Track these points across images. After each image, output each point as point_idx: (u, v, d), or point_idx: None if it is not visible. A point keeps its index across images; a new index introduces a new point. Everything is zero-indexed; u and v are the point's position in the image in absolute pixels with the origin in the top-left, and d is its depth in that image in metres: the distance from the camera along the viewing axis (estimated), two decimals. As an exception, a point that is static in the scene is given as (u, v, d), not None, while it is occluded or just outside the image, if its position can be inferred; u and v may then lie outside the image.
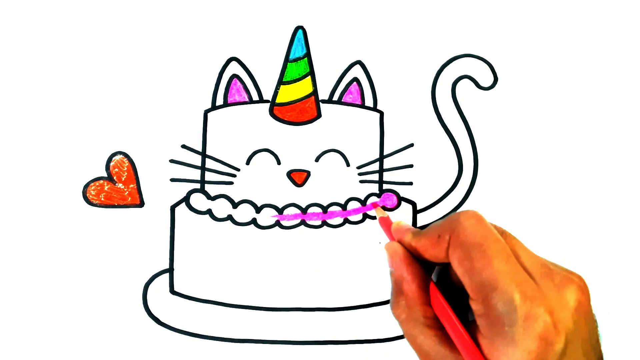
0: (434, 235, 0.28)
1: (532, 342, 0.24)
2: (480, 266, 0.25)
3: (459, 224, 0.27)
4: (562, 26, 0.42)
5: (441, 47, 0.41)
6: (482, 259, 0.25)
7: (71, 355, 0.39)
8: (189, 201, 0.40)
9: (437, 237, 0.28)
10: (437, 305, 0.28)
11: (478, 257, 0.25)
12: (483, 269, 0.25)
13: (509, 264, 0.25)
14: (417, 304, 0.29)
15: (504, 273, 0.25)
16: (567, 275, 0.26)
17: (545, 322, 0.24)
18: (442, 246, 0.27)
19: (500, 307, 0.24)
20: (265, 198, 0.40)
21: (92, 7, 0.40)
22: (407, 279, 0.29)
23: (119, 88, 0.40)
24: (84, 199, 0.39)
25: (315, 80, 0.41)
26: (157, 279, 0.40)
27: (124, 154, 0.40)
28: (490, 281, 0.25)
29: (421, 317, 0.28)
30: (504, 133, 0.41)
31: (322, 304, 0.40)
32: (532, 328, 0.24)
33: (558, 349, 0.24)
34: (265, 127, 0.41)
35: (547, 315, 0.24)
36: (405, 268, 0.30)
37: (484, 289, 0.25)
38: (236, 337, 0.40)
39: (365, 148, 0.41)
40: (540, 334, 0.24)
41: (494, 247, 0.26)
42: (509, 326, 0.24)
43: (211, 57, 0.41)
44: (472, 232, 0.26)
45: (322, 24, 0.41)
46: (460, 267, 0.26)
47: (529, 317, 0.24)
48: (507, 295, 0.24)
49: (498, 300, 0.24)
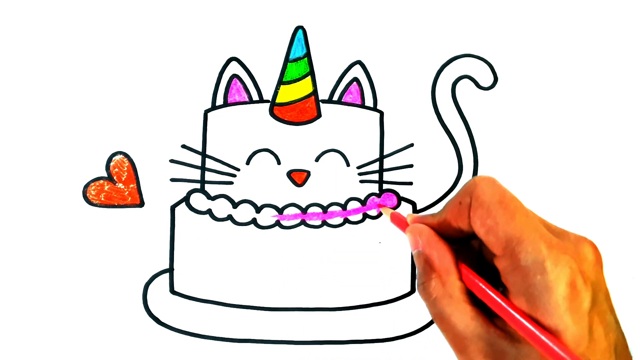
0: (454, 204, 0.28)
1: (564, 288, 0.24)
2: (503, 221, 0.26)
3: (476, 186, 0.27)
4: (562, 26, 0.42)
5: (441, 47, 0.41)
6: (504, 215, 0.26)
7: (71, 355, 0.39)
8: (189, 201, 0.40)
9: (459, 204, 0.28)
10: (469, 279, 0.28)
11: (500, 213, 0.26)
12: (507, 224, 0.25)
13: (529, 217, 0.26)
14: (450, 279, 0.29)
15: (528, 226, 0.25)
16: (580, 236, 0.27)
17: (572, 269, 0.24)
18: (464, 212, 0.28)
19: (529, 258, 0.25)
20: (265, 198, 0.40)
21: (92, 7, 0.40)
22: (437, 254, 0.29)
23: (119, 88, 0.40)
24: (84, 199, 0.39)
25: (315, 80, 0.41)
26: (157, 279, 0.40)
27: (124, 154, 0.40)
28: (516, 234, 0.25)
29: (457, 291, 0.28)
30: (504, 133, 0.41)
31: (322, 304, 0.40)
32: (562, 274, 0.24)
33: (586, 296, 0.24)
34: (265, 127, 0.41)
35: (574, 263, 0.25)
36: (435, 244, 0.30)
37: (510, 243, 0.25)
38: (236, 337, 0.40)
39: (365, 148, 0.41)
40: (569, 280, 0.24)
41: (513, 203, 0.26)
42: (540, 274, 0.24)
43: (211, 57, 0.41)
44: (490, 192, 0.27)
45: (322, 24, 0.41)
46: (483, 227, 0.26)
47: (557, 263, 0.24)
48: (534, 245, 0.25)
49: (526, 252, 0.25)
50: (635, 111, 0.42)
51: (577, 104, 0.42)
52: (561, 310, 0.24)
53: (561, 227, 0.28)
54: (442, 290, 0.29)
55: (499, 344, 0.26)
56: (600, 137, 0.42)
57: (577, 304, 0.24)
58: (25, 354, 0.39)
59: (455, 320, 0.28)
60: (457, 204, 0.28)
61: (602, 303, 0.25)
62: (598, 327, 0.25)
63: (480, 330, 0.27)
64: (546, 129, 0.41)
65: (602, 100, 0.42)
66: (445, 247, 0.29)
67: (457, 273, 0.29)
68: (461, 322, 0.27)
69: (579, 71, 0.42)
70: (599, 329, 0.25)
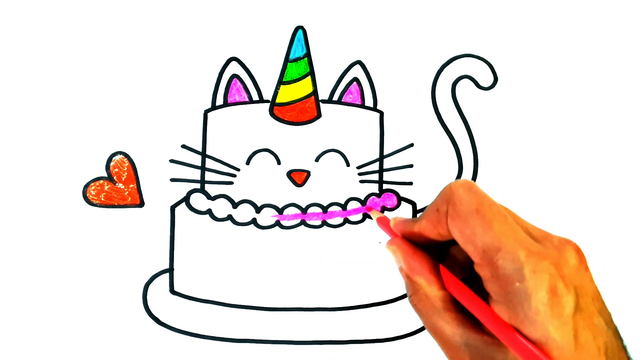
0: (432, 212, 0.28)
1: (544, 294, 0.24)
2: (481, 231, 0.25)
3: (453, 194, 0.27)
4: (562, 26, 0.42)
5: (441, 47, 0.41)
6: (481, 224, 0.25)
7: (71, 355, 0.39)
8: (189, 201, 0.40)
9: (436, 211, 0.28)
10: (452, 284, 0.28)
11: (477, 222, 0.26)
12: (484, 233, 0.25)
13: (507, 224, 0.26)
14: (432, 290, 0.29)
15: (505, 234, 0.25)
16: (563, 238, 0.27)
17: (552, 274, 0.24)
18: (442, 220, 0.27)
19: (507, 266, 0.24)
20: (265, 198, 0.40)
21: (92, 7, 0.40)
22: (416, 268, 0.29)
23: (119, 88, 0.40)
24: (84, 199, 0.39)
25: (315, 80, 0.41)
26: (157, 279, 0.40)
27: (124, 154, 0.40)
28: (494, 243, 0.25)
29: (439, 301, 0.28)
30: (504, 133, 0.41)
31: (322, 304, 0.40)
32: (541, 280, 0.24)
33: (570, 301, 0.24)
34: (265, 127, 0.41)
35: (553, 268, 0.24)
36: (412, 257, 0.30)
37: (489, 252, 0.25)
38: (236, 337, 0.40)
39: (365, 148, 0.41)
40: (549, 285, 0.24)
41: (491, 210, 0.26)
42: (519, 281, 0.24)
43: (211, 57, 0.41)
44: (467, 200, 0.26)
45: (322, 24, 0.41)
46: (462, 236, 0.26)
47: (536, 270, 0.24)
48: (512, 253, 0.24)
49: (504, 260, 0.24)
50: (636, 111, 0.42)
51: (577, 104, 0.42)
52: (542, 316, 0.24)
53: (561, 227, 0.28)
54: (427, 303, 0.29)
55: (487, 351, 0.26)
56: (600, 137, 0.42)
57: (559, 309, 0.24)
58: (25, 354, 0.39)
59: (442, 330, 0.28)
60: (434, 210, 0.28)
61: (588, 306, 0.25)
62: (584, 332, 0.24)
63: (467, 338, 0.27)
64: (546, 129, 0.41)
65: (602, 100, 0.42)
66: (423, 257, 0.29)
67: (437, 283, 0.29)
68: (448, 331, 0.28)
69: (579, 71, 0.42)
70: (586, 334, 0.24)
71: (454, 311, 0.28)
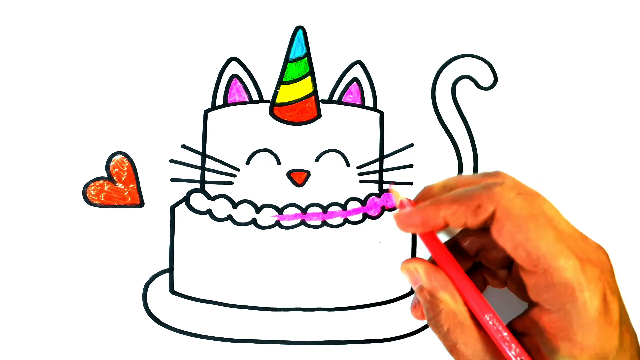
0: (471, 204, 0.26)
1: (599, 303, 0.24)
2: (535, 237, 0.25)
3: (503, 195, 0.26)
4: (562, 26, 0.42)
5: (441, 47, 0.41)
6: (536, 230, 0.25)
7: (71, 355, 0.39)
8: (189, 201, 0.40)
9: (477, 207, 0.26)
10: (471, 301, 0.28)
11: (532, 228, 0.25)
12: (539, 240, 0.25)
13: (559, 231, 0.25)
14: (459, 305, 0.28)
15: (560, 241, 0.25)
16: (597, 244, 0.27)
17: (603, 282, 0.24)
18: (482, 217, 0.26)
19: (563, 275, 0.24)
20: (265, 198, 0.40)
21: (92, 7, 0.40)
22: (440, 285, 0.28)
23: (119, 88, 0.40)
24: (84, 199, 0.39)
25: (315, 80, 0.41)
26: (157, 279, 0.40)
27: (124, 154, 0.40)
28: (549, 251, 0.24)
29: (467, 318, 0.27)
30: (504, 133, 0.41)
31: (322, 304, 0.40)
32: (597, 289, 0.24)
33: (616, 308, 0.24)
34: (265, 127, 0.41)
35: (603, 276, 0.25)
36: (435, 274, 0.29)
37: (544, 260, 0.24)
38: (236, 337, 0.40)
39: (365, 148, 0.41)
40: (602, 294, 0.24)
41: (544, 216, 0.25)
42: (579, 291, 0.24)
43: (211, 57, 0.41)
44: (519, 205, 0.25)
45: (322, 24, 0.41)
46: (512, 242, 0.25)
47: (591, 280, 0.24)
48: (568, 261, 0.24)
49: (561, 269, 0.24)
50: (636, 111, 0.42)
51: (577, 104, 0.42)
52: (598, 326, 0.24)
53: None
54: (454, 320, 0.28)
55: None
56: (600, 137, 0.42)
57: (610, 317, 0.24)
58: (25, 354, 0.39)
59: (471, 350, 0.27)
60: (475, 206, 0.26)
61: (623, 309, 0.25)
62: (626, 336, 0.25)
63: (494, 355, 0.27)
64: (546, 129, 0.41)
65: (603, 100, 0.42)
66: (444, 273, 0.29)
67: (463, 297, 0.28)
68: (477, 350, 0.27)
69: (579, 71, 0.42)
70: (627, 338, 0.25)
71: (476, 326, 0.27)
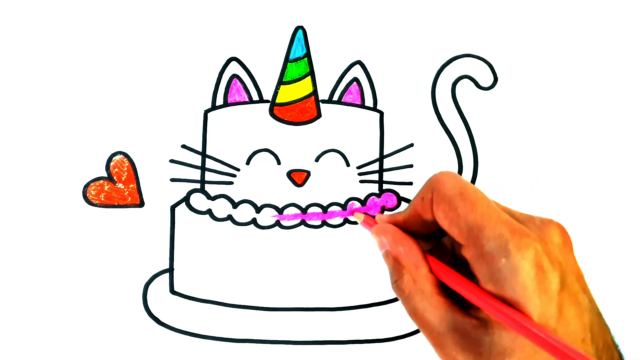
0: (418, 201, 0.29)
1: (530, 269, 0.24)
2: (464, 212, 0.26)
3: (437, 181, 0.28)
4: (562, 26, 0.42)
5: (441, 47, 0.41)
6: (465, 205, 0.26)
7: (71, 355, 0.39)
8: (189, 201, 0.40)
9: (421, 200, 0.28)
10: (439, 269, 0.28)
11: (461, 204, 0.26)
12: (468, 214, 0.26)
13: (490, 207, 0.26)
14: (421, 274, 0.29)
15: (489, 214, 0.26)
16: (546, 218, 0.27)
17: (537, 250, 0.24)
18: (427, 207, 0.28)
19: (492, 243, 0.25)
20: (265, 198, 0.40)
21: (92, 7, 0.40)
22: (404, 250, 0.29)
23: (119, 88, 0.40)
24: (84, 199, 0.39)
25: (315, 80, 0.41)
26: (157, 279, 0.40)
27: (124, 154, 0.40)
28: (477, 223, 0.25)
29: (428, 284, 0.28)
30: (504, 133, 0.41)
31: (322, 304, 0.40)
32: (526, 255, 0.24)
33: (554, 277, 0.24)
34: (265, 127, 0.41)
35: (538, 245, 0.25)
36: (401, 240, 0.30)
37: (473, 231, 0.25)
38: (236, 337, 0.40)
39: (365, 148, 0.41)
40: (535, 261, 0.24)
41: (475, 194, 0.27)
42: (505, 257, 0.24)
43: (211, 57, 0.41)
44: (451, 184, 0.27)
45: (322, 24, 0.41)
46: (446, 219, 0.27)
47: (520, 246, 0.24)
48: (496, 231, 0.25)
49: (488, 238, 0.25)
50: (636, 111, 0.42)
51: (577, 104, 0.42)
52: (529, 290, 0.24)
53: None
54: (414, 286, 0.29)
55: (474, 334, 0.26)
56: (600, 137, 0.42)
57: (545, 284, 0.24)
58: (25, 354, 0.39)
59: (429, 315, 0.28)
60: (420, 199, 0.28)
61: (572, 284, 0.25)
62: (570, 308, 0.24)
63: (454, 322, 0.27)
64: (546, 129, 0.41)
65: (602, 100, 0.42)
66: (412, 241, 0.30)
67: (426, 266, 0.29)
68: (435, 316, 0.27)
69: (578, 71, 0.42)
70: (571, 310, 0.25)
71: (441, 295, 0.28)
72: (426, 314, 0.28)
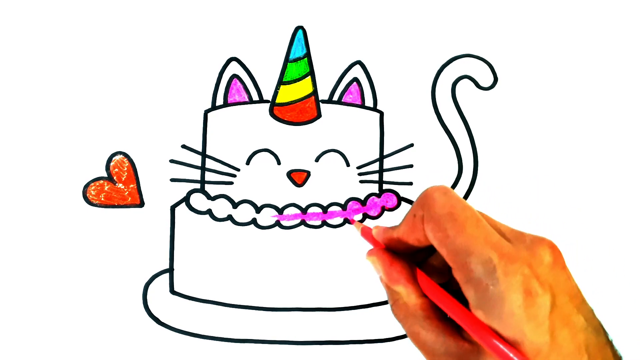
0: (410, 217, 0.28)
1: (517, 296, 0.24)
2: (453, 234, 0.25)
3: (428, 198, 0.27)
4: (562, 26, 0.42)
5: (441, 47, 0.41)
6: (453, 227, 0.26)
7: (71, 355, 0.39)
8: (189, 201, 0.40)
9: (413, 217, 0.28)
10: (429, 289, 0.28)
11: (450, 225, 0.26)
12: (456, 236, 0.25)
13: (480, 228, 0.26)
14: (411, 299, 0.29)
15: (477, 237, 0.25)
16: (537, 237, 0.27)
17: (525, 275, 0.24)
18: (419, 225, 0.28)
19: (479, 270, 0.24)
20: (265, 198, 0.40)
21: (92, 8, 0.40)
22: (394, 277, 0.29)
23: (119, 88, 0.40)
24: (84, 199, 0.39)
25: (315, 80, 0.41)
26: (157, 279, 0.40)
27: (124, 154, 0.40)
28: (466, 246, 0.25)
29: (418, 309, 0.28)
30: (504, 133, 0.41)
31: (322, 304, 0.40)
32: (514, 282, 0.24)
33: (545, 301, 0.24)
34: (265, 127, 0.41)
35: (526, 268, 0.24)
36: (390, 267, 0.30)
37: (461, 255, 0.25)
38: (236, 337, 0.40)
39: (365, 148, 0.41)
40: (523, 287, 0.24)
41: (464, 214, 0.26)
42: (492, 285, 0.24)
43: (211, 57, 0.41)
44: (441, 203, 0.27)
45: (322, 24, 0.41)
46: (436, 240, 0.26)
47: (508, 272, 0.24)
48: (484, 256, 0.24)
49: (476, 264, 0.25)
50: (635, 111, 0.42)
51: (577, 104, 0.42)
52: (517, 318, 0.23)
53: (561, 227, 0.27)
54: (407, 312, 0.29)
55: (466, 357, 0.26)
56: (600, 137, 0.42)
57: (534, 310, 0.24)
58: (25, 354, 0.39)
59: (424, 338, 0.28)
60: (412, 216, 0.28)
61: (564, 305, 0.25)
62: (562, 330, 0.24)
63: (447, 346, 0.27)
64: (546, 129, 0.41)
65: (602, 100, 0.42)
66: (401, 267, 0.29)
67: (416, 291, 0.29)
68: (429, 340, 0.28)
69: (578, 71, 0.42)
70: (564, 332, 0.24)
71: (434, 319, 0.28)
72: (421, 336, 0.28)
